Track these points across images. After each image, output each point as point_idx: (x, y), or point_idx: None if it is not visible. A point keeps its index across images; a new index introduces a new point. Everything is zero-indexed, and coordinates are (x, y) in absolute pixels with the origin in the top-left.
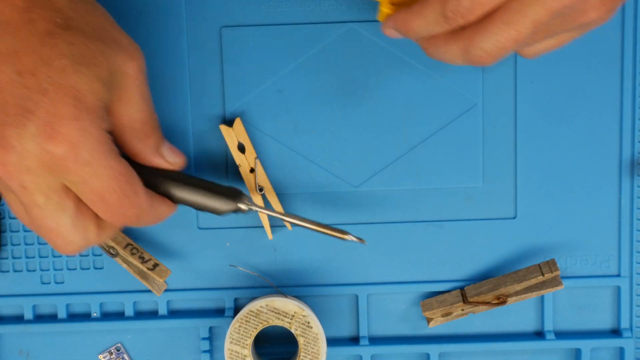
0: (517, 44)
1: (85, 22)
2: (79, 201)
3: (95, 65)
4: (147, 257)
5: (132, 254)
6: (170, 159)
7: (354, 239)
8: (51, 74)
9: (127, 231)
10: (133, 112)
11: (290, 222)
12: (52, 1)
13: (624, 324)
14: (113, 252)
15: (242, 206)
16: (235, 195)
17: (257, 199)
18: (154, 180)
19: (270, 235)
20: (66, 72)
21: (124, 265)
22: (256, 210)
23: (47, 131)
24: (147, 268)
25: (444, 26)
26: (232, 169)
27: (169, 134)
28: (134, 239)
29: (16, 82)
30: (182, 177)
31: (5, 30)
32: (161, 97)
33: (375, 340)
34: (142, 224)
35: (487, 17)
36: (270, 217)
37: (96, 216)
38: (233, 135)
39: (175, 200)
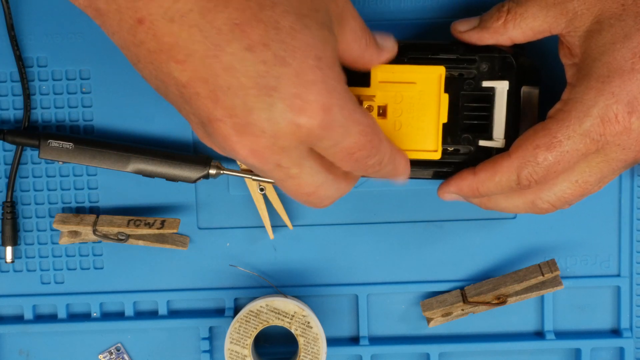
0: (582, 197)
1: None
2: (325, 159)
3: (316, 10)
4: (151, 221)
5: (137, 226)
6: (388, 45)
7: None
8: (283, 38)
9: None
10: (357, 28)
11: (260, 181)
12: None
13: (624, 324)
14: (122, 237)
15: (212, 171)
16: (204, 161)
17: (259, 199)
18: None
19: (271, 235)
20: (296, 31)
21: (140, 242)
22: (225, 173)
23: (297, 104)
24: (157, 228)
25: (514, 189)
26: None
27: (170, 134)
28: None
29: (249, 59)
30: (151, 152)
31: (217, 4)
32: (162, 98)
33: (375, 340)
34: (380, 175)
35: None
36: (270, 217)
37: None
38: None
39: (147, 175)
